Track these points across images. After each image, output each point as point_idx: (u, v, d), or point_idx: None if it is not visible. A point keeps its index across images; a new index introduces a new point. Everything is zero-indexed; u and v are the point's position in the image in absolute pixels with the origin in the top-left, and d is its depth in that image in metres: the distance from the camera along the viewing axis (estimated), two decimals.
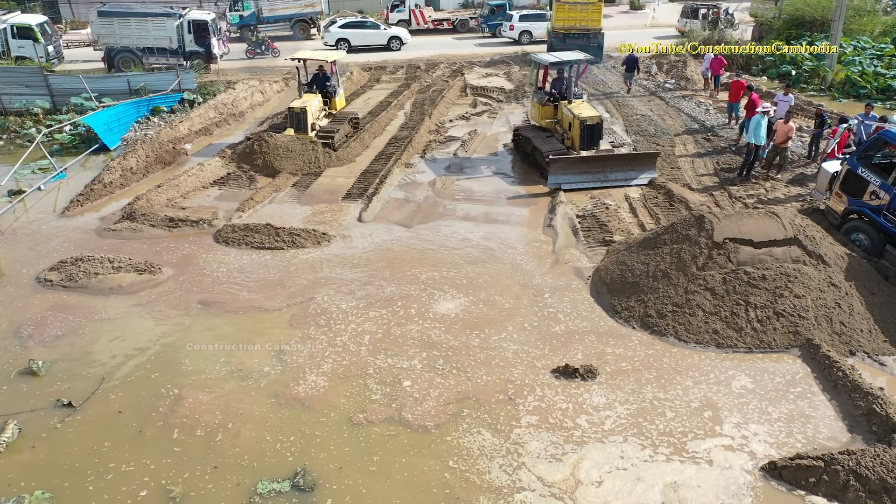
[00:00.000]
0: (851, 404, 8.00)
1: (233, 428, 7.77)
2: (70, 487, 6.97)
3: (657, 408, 8.06)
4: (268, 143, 16.75)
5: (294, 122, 17.69)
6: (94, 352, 9.32)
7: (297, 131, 17.59)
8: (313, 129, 17.88)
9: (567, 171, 15.16)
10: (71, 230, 13.38)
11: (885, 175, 11.51)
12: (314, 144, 17.14)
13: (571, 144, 16.19)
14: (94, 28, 29.77)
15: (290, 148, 16.75)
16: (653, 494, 6.84)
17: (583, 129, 15.72)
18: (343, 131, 18.62)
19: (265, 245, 12.37)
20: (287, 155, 16.65)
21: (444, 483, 7.01)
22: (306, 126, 17.56)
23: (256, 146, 16.80)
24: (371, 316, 10.11)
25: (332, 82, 19.33)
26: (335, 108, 19.59)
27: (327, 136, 17.85)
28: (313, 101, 18.23)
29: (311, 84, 19.13)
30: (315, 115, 18.13)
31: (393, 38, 35.53)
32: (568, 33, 29.44)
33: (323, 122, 18.67)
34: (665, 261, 10.45)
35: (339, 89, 19.99)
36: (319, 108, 18.68)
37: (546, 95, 17.44)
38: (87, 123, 19.17)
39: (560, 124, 16.91)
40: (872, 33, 29.22)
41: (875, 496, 6.65)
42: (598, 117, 15.94)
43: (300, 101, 18.15)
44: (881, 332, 9.42)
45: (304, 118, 17.52)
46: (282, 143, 16.84)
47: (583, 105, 16.55)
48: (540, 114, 17.42)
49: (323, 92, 19.09)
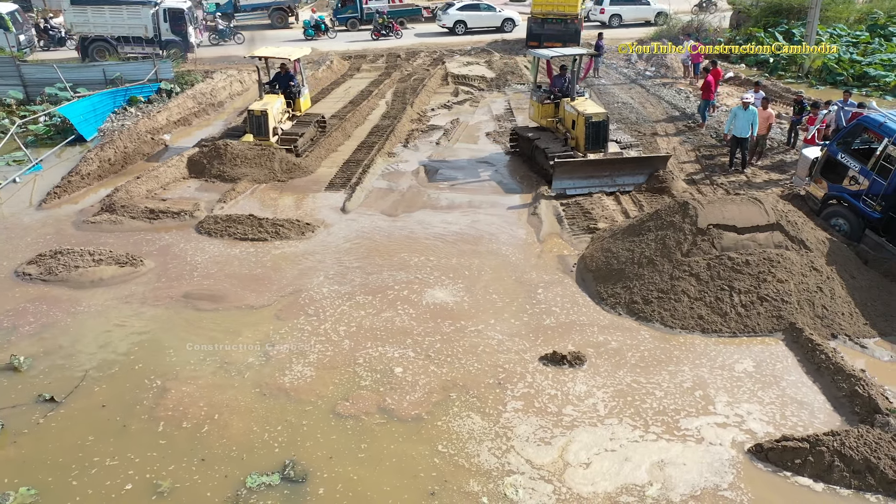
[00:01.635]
0: (834, 386, 8.11)
1: (219, 419, 7.70)
2: (54, 482, 6.86)
3: (643, 391, 8.12)
4: (223, 151, 15.40)
5: (254, 127, 16.17)
6: (77, 346, 9.17)
7: (258, 136, 16.14)
8: (275, 133, 16.47)
9: (573, 176, 14.09)
10: (49, 223, 13.14)
11: (864, 160, 11.65)
12: (275, 152, 15.68)
13: (576, 144, 15.09)
14: (66, 17, 29.18)
15: (248, 156, 15.34)
16: (639, 473, 6.93)
17: (588, 127, 14.62)
18: (308, 135, 17.24)
19: (248, 236, 12.24)
20: (245, 163, 15.24)
21: (434, 467, 7.02)
22: (267, 130, 16.12)
23: (211, 154, 15.46)
24: (357, 305, 10.06)
25: (296, 82, 17.88)
26: (300, 110, 18.18)
27: (290, 140, 16.48)
28: (275, 102, 16.78)
29: (274, 84, 17.67)
30: (277, 118, 16.74)
31: (507, 20, 35.93)
32: (546, 18, 30.10)
33: (287, 126, 17.27)
34: (650, 247, 10.50)
35: (304, 89, 18.49)
36: (282, 111, 17.25)
37: (546, 93, 16.26)
38: (62, 114, 18.81)
39: (562, 123, 15.82)
40: (848, 21, 29.55)
41: (859, 476, 6.76)
42: (604, 114, 14.92)
43: (260, 102, 16.66)
44: (862, 316, 9.56)
45: (265, 122, 16.06)
46: (239, 150, 15.39)
47: (587, 102, 15.53)
48: (540, 113, 16.29)
49: (286, 92, 17.61)
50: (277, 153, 15.62)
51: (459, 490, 6.74)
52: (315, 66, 27.30)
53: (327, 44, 33.06)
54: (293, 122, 17.65)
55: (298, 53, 17.93)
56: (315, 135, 17.80)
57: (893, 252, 11.08)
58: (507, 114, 20.84)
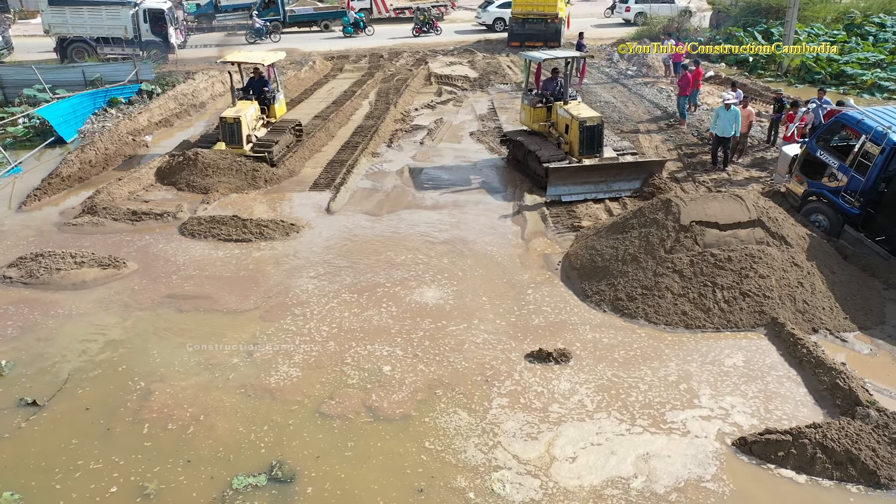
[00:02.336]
0: (816, 380, 8.23)
1: (205, 421, 7.65)
2: (38, 486, 6.79)
3: (627, 386, 8.18)
4: (194, 160, 14.76)
5: (226, 135, 15.56)
6: (59, 349, 9.07)
7: (230, 144, 15.53)
8: (249, 141, 15.80)
9: (568, 182, 13.81)
10: (29, 225, 12.98)
11: (843, 157, 11.81)
12: (248, 161, 15.15)
13: (569, 149, 14.63)
14: (44, 17, 28.84)
15: (220, 166, 14.74)
16: (625, 466, 7.00)
17: (582, 132, 14.21)
18: (284, 142, 16.53)
19: (232, 237, 12.17)
20: (217, 173, 14.64)
21: (421, 464, 7.05)
22: (240, 138, 15.48)
23: (182, 164, 14.85)
24: (343, 304, 10.04)
25: (270, 87, 17.16)
26: (275, 117, 17.41)
27: (265, 148, 15.72)
28: (248, 109, 16.08)
29: (247, 90, 16.96)
30: (251, 126, 16.10)
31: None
32: (527, 18, 30.98)
33: (261, 133, 16.63)
34: (634, 245, 10.58)
35: (279, 94, 17.72)
36: (256, 117, 16.55)
37: (538, 96, 15.78)
38: (41, 116, 18.60)
39: (555, 127, 15.33)
40: (825, 20, 29.95)
41: (841, 467, 6.86)
42: (598, 118, 14.45)
43: (233, 109, 15.96)
44: (842, 310, 9.69)
45: (238, 129, 15.41)
46: (211, 160, 14.78)
47: (580, 106, 15.13)
48: (532, 117, 15.74)
49: (260, 98, 16.89)
50: (250, 162, 15.12)
51: (446, 486, 6.76)
52: (297, 67, 27.21)
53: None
54: (268, 128, 17.00)
55: (272, 58, 17.28)
56: (291, 141, 17.22)
57: (872, 247, 11.25)
58: (490, 113, 20.89)
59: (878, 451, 6.93)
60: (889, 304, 10.01)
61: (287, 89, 23.62)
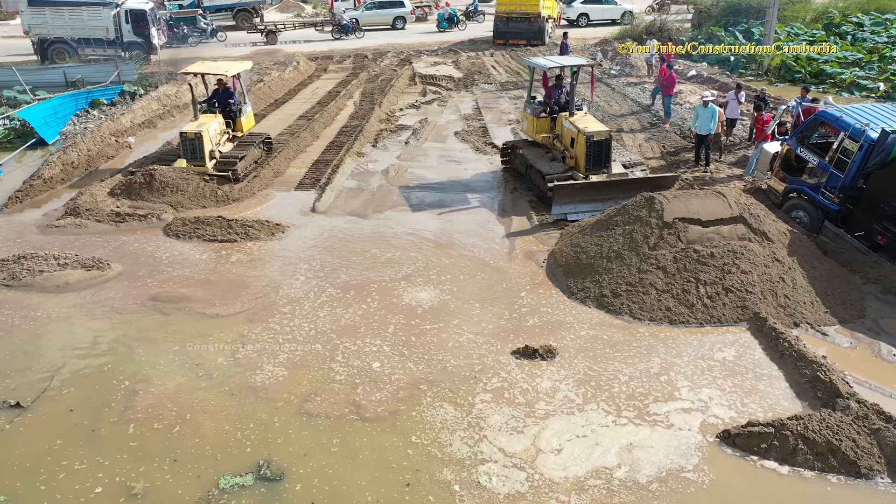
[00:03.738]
0: (797, 373, 8.34)
1: (191, 420, 7.64)
2: (23, 488, 6.74)
3: (612, 381, 8.25)
4: (151, 178, 13.81)
5: (187, 151, 14.56)
6: (42, 351, 8.99)
7: (192, 161, 14.58)
8: (212, 157, 14.87)
9: (573, 199, 12.86)
10: (11, 228, 12.87)
11: (822, 154, 11.99)
12: (210, 179, 14.30)
13: (575, 164, 13.73)
14: (24, 18, 28.57)
15: (180, 186, 13.78)
16: (609, 457, 7.10)
17: (589, 147, 13.27)
18: (251, 157, 15.67)
19: (217, 237, 12.13)
20: (176, 192, 13.72)
21: (408, 458, 7.10)
22: (202, 154, 14.52)
23: (139, 182, 13.83)
24: (330, 303, 10.04)
25: (235, 99, 16.15)
26: (241, 130, 16.36)
27: (229, 164, 14.82)
28: (212, 123, 15.05)
29: (212, 101, 15.97)
30: (215, 140, 15.09)
31: (626, 13, 37.10)
32: (510, 17, 31.79)
33: (227, 147, 15.63)
34: (618, 242, 10.67)
35: (247, 107, 16.67)
36: (220, 131, 15.51)
37: (541, 105, 14.89)
38: (22, 117, 18.43)
39: (560, 140, 14.37)
40: (805, 20, 30.31)
41: (822, 458, 6.97)
42: (606, 132, 13.49)
43: (194, 123, 14.99)
44: (822, 304, 9.83)
45: (200, 145, 14.44)
46: (169, 178, 13.80)
47: (587, 118, 14.10)
48: (535, 127, 14.78)
49: (226, 111, 15.92)
50: (212, 180, 14.28)
51: (433, 479, 6.82)
52: (282, 68, 27.15)
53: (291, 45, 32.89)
54: (234, 143, 16.04)
55: (237, 68, 16.24)
56: (260, 156, 16.35)
57: (852, 243, 11.41)
58: (475, 113, 20.96)
59: (859, 441, 7.04)
60: (869, 298, 10.16)
61: (271, 90, 23.64)
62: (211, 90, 16.74)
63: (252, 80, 25.44)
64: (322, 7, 42.77)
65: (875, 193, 11.04)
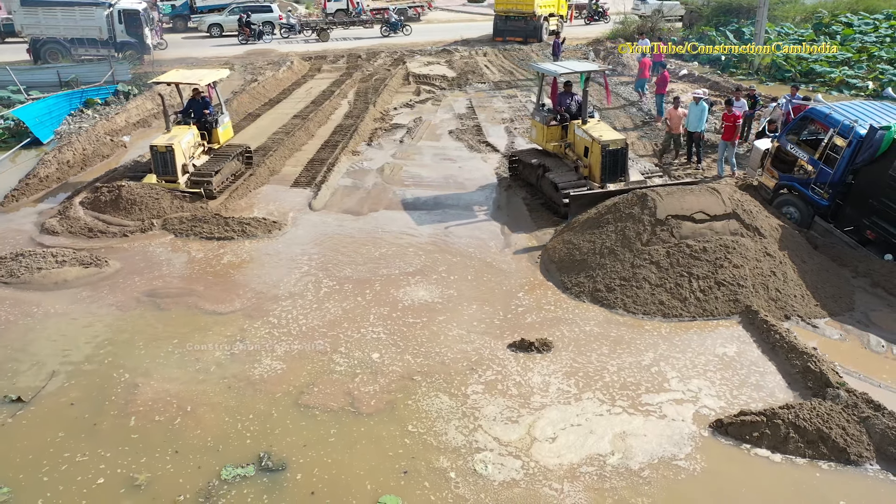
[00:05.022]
0: (788, 364, 8.50)
1: (192, 412, 7.73)
2: (25, 480, 6.81)
3: (607, 372, 8.39)
4: (118, 195, 12.95)
5: (158, 165, 13.67)
6: (42, 346, 9.05)
7: (163, 176, 13.71)
8: (185, 171, 13.98)
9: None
10: (7, 226, 12.89)
11: (812, 151, 12.16)
12: (182, 196, 13.42)
13: (589, 174, 13.16)
14: (17, 18, 28.52)
15: (147, 203, 12.91)
16: (603, 444, 7.25)
17: (605, 157, 12.73)
18: (228, 171, 14.70)
19: (214, 235, 12.20)
20: (144, 210, 12.85)
21: (405, 447, 7.25)
22: (174, 169, 13.61)
23: (105, 199, 13.00)
24: (326, 300, 10.14)
25: (211, 109, 15.21)
26: (218, 142, 15.31)
27: (202, 179, 13.86)
28: (185, 135, 14.12)
29: (188, 112, 15.07)
30: (189, 154, 14.15)
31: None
32: (508, 15, 33.16)
33: (202, 161, 14.68)
34: (611, 238, 10.80)
35: (224, 117, 15.66)
36: (194, 144, 14.53)
37: (551, 113, 14.21)
38: (17, 116, 18.41)
39: (572, 149, 13.79)
40: (794, 20, 30.60)
41: (813, 445, 7.12)
42: (622, 141, 12.96)
43: (166, 136, 14.04)
44: (813, 298, 9.99)
45: (171, 159, 13.54)
46: (137, 195, 12.91)
47: (601, 126, 13.53)
48: (545, 136, 14.09)
49: (201, 122, 14.99)
50: (183, 197, 13.43)
51: (429, 467, 6.95)
52: (276, 67, 27.20)
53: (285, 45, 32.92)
54: (210, 156, 15.01)
55: (212, 77, 15.33)
56: (238, 170, 15.37)
57: (841, 237, 11.60)
58: (469, 112, 21.08)
59: (848, 429, 7.19)
60: (858, 291, 10.35)
61: (266, 89, 23.68)
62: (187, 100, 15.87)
63: (246, 80, 25.50)
64: (315, 8, 42.74)
65: (864, 189, 11.22)
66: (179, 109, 15.65)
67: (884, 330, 9.39)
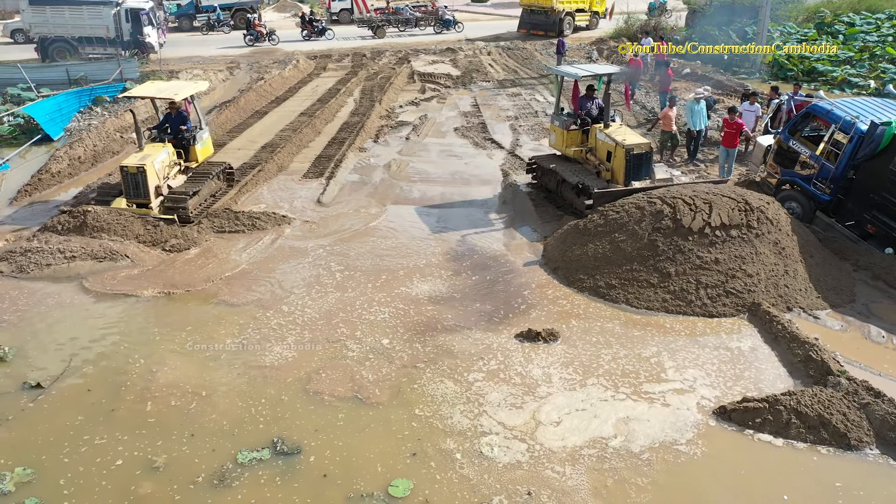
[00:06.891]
0: (790, 353, 8.67)
1: (207, 397, 7.93)
2: (48, 461, 7.01)
3: (613, 362, 8.58)
4: (85, 221, 11.87)
5: (130, 187, 12.36)
6: (59, 335, 9.25)
7: (134, 199, 12.45)
8: (159, 193, 12.66)
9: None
10: (20, 221, 13.07)
11: (814, 147, 12.32)
12: (154, 223, 12.11)
13: (612, 178, 12.77)
14: (25, 17, 28.76)
15: (115, 228, 11.81)
16: (606, 428, 7.46)
17: (629, 161, 12.35)
18: (206, 191, 13.43)
19: (225, 229, 12.40)
20: (111, 236, 11.74)
21: (413, 431, 7.47)
22: (146, 192, 12.32)
23: (70, 224, 11.90)
24: (338, 290, 10.34)
25: (189, 125, 13.79)
26: (196, 160, 13.90)
27: (177, 202, 12.60)
28: (159, 154, 12.73)
29: (164, 127, 13.73)
30: (163, 174, 12.80)
31: None
32: (531, 9, 35.35)
33: (177, 182, 13.30)
34: (616, 235, 10.88)
35: (203, 133, 14.22)
36: (170, 164, 13.15)
37: (571, 117, 13.76)
38: (28, 113, 18.62)
39: (594, 153, 13.34)
40: (797, 19, 30.72)
41: (814, 431, 7.30)
42: (647, 145, 12.64)
43: (137, 156, 12.61)
44: (815, 290, 10.13)
45: (143, 181, 12.20)
46: (105, 220, 11.83)
47: (623, 129, 13.20)
48: (564, 141, 13.64)
49: (178, 139, 13.59)
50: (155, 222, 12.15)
51: (436, 448, 7.17)
52: (282, 66, 27.41)
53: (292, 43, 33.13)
54: (187, 175, 13.67)
55: (189, 90, 14.10)
56: (219, 189, 14.09)
57: (842, 231, 11.76)
58: (474, 110, 21.25)
59: (849, 415, 7.37)
60: (859, 284, 10.51)
61: (272, 87, 23.88)
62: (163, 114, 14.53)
63: (252, 78, 25.71)
64: (319, 7, 42.90)
65: (865, 184, 11.37)
66: (153, 125, 14.40)
67: (884, 321, 9.56)
